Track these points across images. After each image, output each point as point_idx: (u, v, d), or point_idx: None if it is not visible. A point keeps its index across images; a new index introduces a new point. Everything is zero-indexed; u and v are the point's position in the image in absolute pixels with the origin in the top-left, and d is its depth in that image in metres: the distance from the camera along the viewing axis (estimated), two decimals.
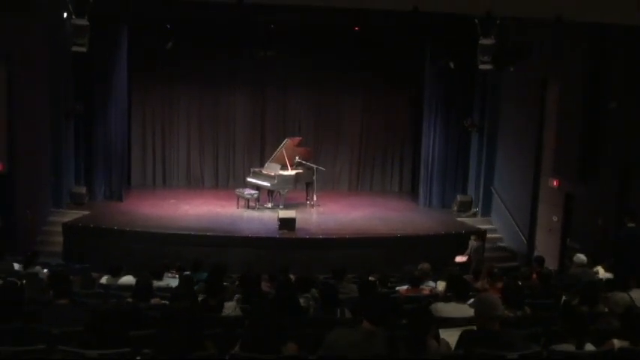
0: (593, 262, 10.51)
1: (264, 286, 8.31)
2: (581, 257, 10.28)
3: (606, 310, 6.37)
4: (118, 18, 16.15)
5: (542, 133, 15.24)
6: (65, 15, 13.25)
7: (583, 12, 10.57)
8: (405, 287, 8.79)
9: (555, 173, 14.48)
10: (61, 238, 14.12)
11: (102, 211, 16.17)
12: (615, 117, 12.48)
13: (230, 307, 6.66)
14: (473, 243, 13.77)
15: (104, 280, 9.18)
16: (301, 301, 7.10)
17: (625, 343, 4.98)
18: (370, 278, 9.34)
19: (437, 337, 5.00)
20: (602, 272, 9.88)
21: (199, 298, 7.00)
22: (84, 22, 10.35)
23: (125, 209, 16.50)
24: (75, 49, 10.65)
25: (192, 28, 16.57)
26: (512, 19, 11.46)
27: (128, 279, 9.04)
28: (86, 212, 15.77)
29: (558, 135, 14.45)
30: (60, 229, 14.25)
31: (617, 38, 12.26)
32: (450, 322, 5.77)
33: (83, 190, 16.95)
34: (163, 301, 6.98)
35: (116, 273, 9.21)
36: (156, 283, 8.32)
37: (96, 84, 16.99)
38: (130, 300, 6.86)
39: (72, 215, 15.37)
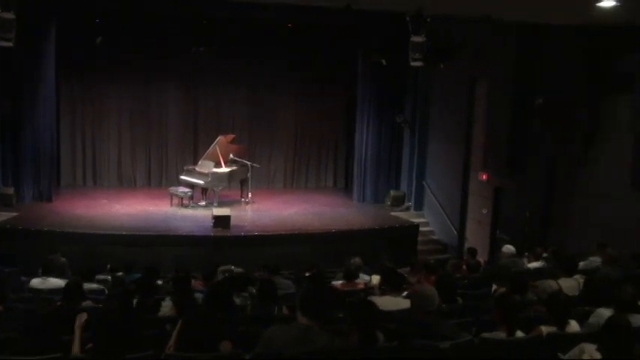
0: (521, 252, 10.88)
1: (198, 285, 8.24)
2: (510, 248, 10.61)
3: (535, 297, 6.59)
4: (46, 12, 15.63)
5: (472, 129, 15.62)
6: None
7: (510, 11, 10.90)
8: (340, 282, 8.86)
9: (484, 168, 14.87)
10: None
11: (31, 212, 15.61)
12: (541, 113, 12.90)
13: (167, 307, 6.57)
14: None
15: (34, 283, 8.89)
16: (238, 300, 7.07)
17: (552, 329, 5.16)
18: (306, 274, 9.38)
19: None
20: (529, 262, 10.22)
21: (134, 300, 6.88)
22: (10, 15, 10.02)
23: (55, 210, 16.00)
24: (1, 43, 10.31)
25: (123, 24, 16.22)
26: (443, 17, 11.68)
27: (57, 282, 8.79)
28: (15, 214, 15.24)
29: (487, 131, 14.84)
30: None
31: (544, 37, 12.66)
32: (385, 315, 5.85)
33: (11, 190, 16.28)
34: (95, 304, 6.82)
35: (45, 273, 8.93)
36: (87, 286, 8.13)
37: (23, 81, 16.31)
38: (59, 303, 6.67)
39: None
